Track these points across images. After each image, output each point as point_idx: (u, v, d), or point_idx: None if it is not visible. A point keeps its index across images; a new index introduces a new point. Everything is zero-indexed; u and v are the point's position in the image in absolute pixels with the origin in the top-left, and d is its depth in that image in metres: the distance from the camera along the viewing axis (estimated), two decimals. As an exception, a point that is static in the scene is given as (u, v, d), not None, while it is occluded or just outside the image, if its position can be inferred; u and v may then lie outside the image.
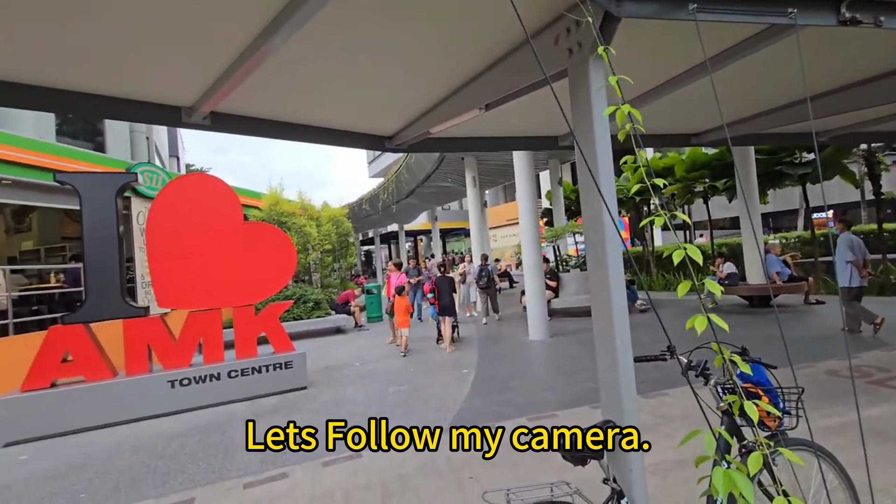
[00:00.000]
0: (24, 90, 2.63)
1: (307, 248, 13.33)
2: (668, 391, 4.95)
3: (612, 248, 1.96)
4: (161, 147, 23.57)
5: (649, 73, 3.33)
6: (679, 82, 3.42)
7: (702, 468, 1.41)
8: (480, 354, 7.72)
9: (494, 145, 4.60)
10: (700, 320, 1.34)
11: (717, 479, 1.09)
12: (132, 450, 4.62)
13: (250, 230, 6.72)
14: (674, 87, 3.49)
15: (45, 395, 5.26)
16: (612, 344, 1.94)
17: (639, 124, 1.54)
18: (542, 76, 2.47)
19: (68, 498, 3.69)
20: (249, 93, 2.97)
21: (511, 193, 35.60)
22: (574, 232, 12.97)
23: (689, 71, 3.30)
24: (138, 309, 5.98)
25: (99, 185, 5.78)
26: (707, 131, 5.25)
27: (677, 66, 3.27)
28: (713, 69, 2.97)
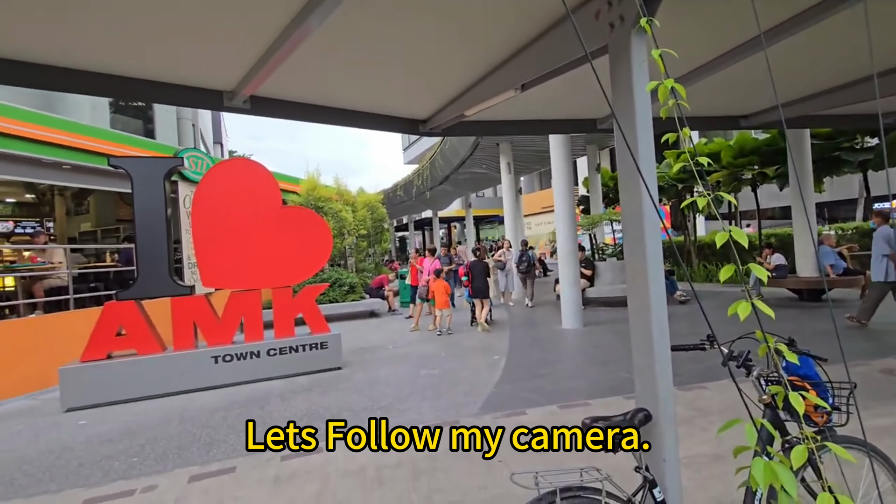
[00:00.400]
0: (84, 76, 2.77)
1: (343, 232, 13.58)
2: (707, 384, 4.79)
3: (650, 227, 1.89)
4: (206, 133, 24.48)
5: (695, 50, 3.16)
6: (728, 60, 3.22)
7: (741, 459, 1.35)
8: (512, 341, 7.69)
9: (530, 129, 4.51)
10: (744, 306, 1.28)
11: (756, 471, 1.04)
12: (179, 419, 4.90)
13: (289, 214, 6.90)
14: (722, 66, 3.29)
15: (101, 366, 5.63)
16: (648, 329, 1.88)
17: (682, 100, 1.47)
18: (581, 53, 2.40)
19: (122, 461, 3.95)
20: (287, 76, 3.02)
21: (546, 181, 34.97)
22: (612, 220, 12.63)
23: (739, 47, 3.11)
24: (185, 288, 6.28)
25: (148, 168, 6.06)
26: (757, 113, 4.95)
27: (726, 42, 3.08)
28: (767, 44, 2.79)
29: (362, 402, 5.05)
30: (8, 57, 2.57)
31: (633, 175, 1.95)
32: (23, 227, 12.61)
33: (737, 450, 1.27)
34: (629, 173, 1.99)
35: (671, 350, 2.07)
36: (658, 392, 1.87)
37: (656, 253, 1.92)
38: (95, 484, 3.56)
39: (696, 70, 3.45)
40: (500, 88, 3.06)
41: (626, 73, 1.99)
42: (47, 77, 2.70)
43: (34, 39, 2.46)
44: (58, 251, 8.57)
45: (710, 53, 3.24)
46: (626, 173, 2.03)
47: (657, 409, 1.87)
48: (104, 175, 8.94)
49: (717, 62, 3.30)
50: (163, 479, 3.55)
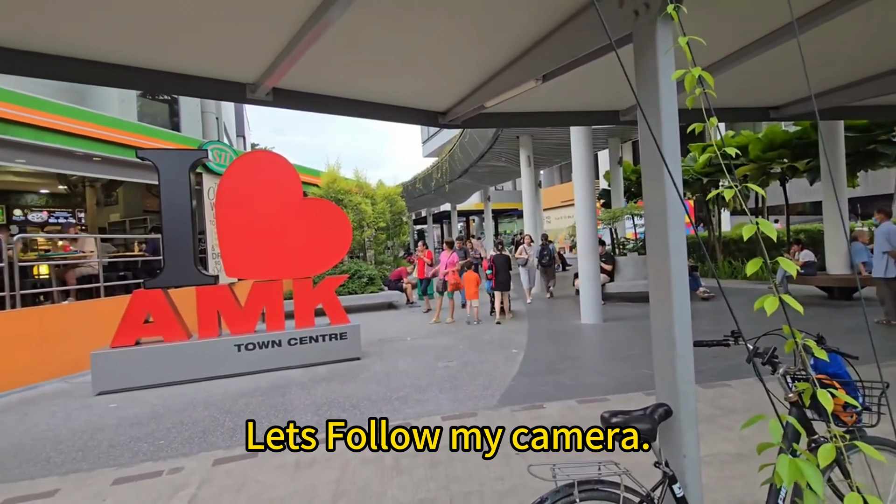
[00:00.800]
0: (112, 69, 2.85)
1: (362, 225, 13.68)
2: (730, 382, 4.70)
3: (674, 219, 1.85)
4: (229, 126, 24.90)
5: (723, 38, 3.06)
6: (757, 48, 3.12)
7: (764, 456, 1.33)
8: (530, 336, 7.66)
9: (551, 120, 4.45)
10: (771, 301, 1.24)
11: (782, 468, 1.02)
12: (204, 405, 5.04)
13: (310, 206, 6.99)
14: (751, 54, 3.18)
15: (130, 352, 5.83)
16: (669, 322, 1.85)
17: (710, 88, 1.43)
18: (604, 42, 2.35)
19: (151, 443, 4.10)
20: (308, 69, 3.04)
21: (566, 174, 34.54)
22: (633, 214, 12.41)
23: (769, 35, 3.00)
24: (209, 277, 6.43)
25: (175, 160, 6.21)
26: (788, 104, 4.78)
27: (756, 29, 2.98)
28: (801, 31, 2.68)
29: (381, 392, 5.11)
30: (38, 50, 2.64)
31: (657, 166, 1.91)
32: (56, 217, 13.08)
33: (760, 447, 1.24)
34: (653, 165, 1.95)
35: (694, 345, 2.03)
36: (679, 387, 1.84)
37: (679, 245, 1.88)
38: (125, 464, 3.70)
39: (723, 59, 3.34)
40: (520, 79, 3.03)
41: (651, 62, 1.94)
42: (76, 70, 2.77)
43: (65, 34, 2.53)
44: (89, 240, 8.88)
45: (738, 42, 3.14)
46: (649, 165, 1.99)
47: (678, 404, 1.84)
48: (132, 167, 9.19)
49: (745, 51, 3.20)
50: (188, 461, 3.67)
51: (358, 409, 4.64)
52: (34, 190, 12.92)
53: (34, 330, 6.32)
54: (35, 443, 4.27)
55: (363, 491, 3.00)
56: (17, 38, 2.54)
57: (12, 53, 2.59)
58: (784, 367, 1.90)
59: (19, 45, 2.60)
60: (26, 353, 6.18)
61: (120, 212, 13.62)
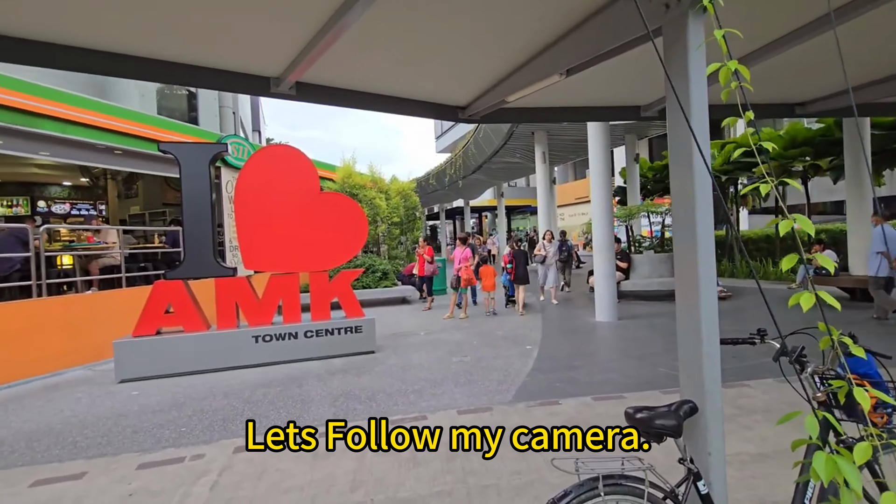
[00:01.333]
0: (139, 62, 2.90)
1: (376, 220, 13.75)
2: (749, 382, 4.64)
3: (702, 216, 1.83)
4: (245, 122, 25.15)
5: (751, 33, 3.00)
6: (786, 43, 3.06)
7: (798, 454, 1.31)
8: (544, 333, 7.64)
9: (572, 116, 4.42)
10: (806, 297, 1.23)
11: (818, 464, 1.01)
12: (223, 394, 5.13)
13: (326, 200, 7.04)
14: (778, 49, 3.12)
15: (151, 341, 5.95)
16: (696, 319, 1.83)
17: (746, 82, 1.41)
18: (631, 36, 2.33)
19: (173, 430, 4.19)
20: (331, 63, 3.07)
21: (580, 171, 34.25)
22: (650, 212, 12.26)
23: (800, 29, 2.94)
24: (228, 269, 6.53)
25: (195, 153, 6.30)
26: (815, 100, 4.68)
27: (786, 24, 2.92)
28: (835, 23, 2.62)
29: (396, 385, 5.15)
30: (81, 45, 2.70)
31: (685, 160, 1.89)
32: (77, 209, 13.37)
33: (795, 443, 1.23)
34: (682, 157, 1.93)
35: (720, 343, 2.02)
36: (705, 385, 1.83)
37: (708, 240, 1.86)
38: (148, 450, 3.79)
39: (750, 54, 3.28)
40: (543, 74, 3.01)
41: (682, 56, 1.92)
42: (107, 63, 2.84)
43: (94, 27, 2.58)
44: (111, 232, 9.06)
45: (767, 36, 3.08)
46: (678, 158, 1.97)
47: (703, 401, 1.83)
48: (153, 160, 9.35)
49: (773, 46, 3.13)
50: (209, 448, 3.74)
51: (374, 401, 4.69)
52: (57, 182, 13.21)
53: (59, 318, 6.48)
54: (62, 427, 4.39)
55: (381, 482, 3.04)
56: (60, 34, 2.61)
57: (54, 48, 2.66)
58: (812, 367, 1.87)
59: (63, 41, 2.67)
60: (51, 341, 6.35)
61: (140, 204, 13.86)
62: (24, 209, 12.41)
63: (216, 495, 2.99)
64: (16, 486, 3.26)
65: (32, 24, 2.52)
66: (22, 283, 6.70)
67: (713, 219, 1.92)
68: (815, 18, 2.78)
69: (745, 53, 3.29)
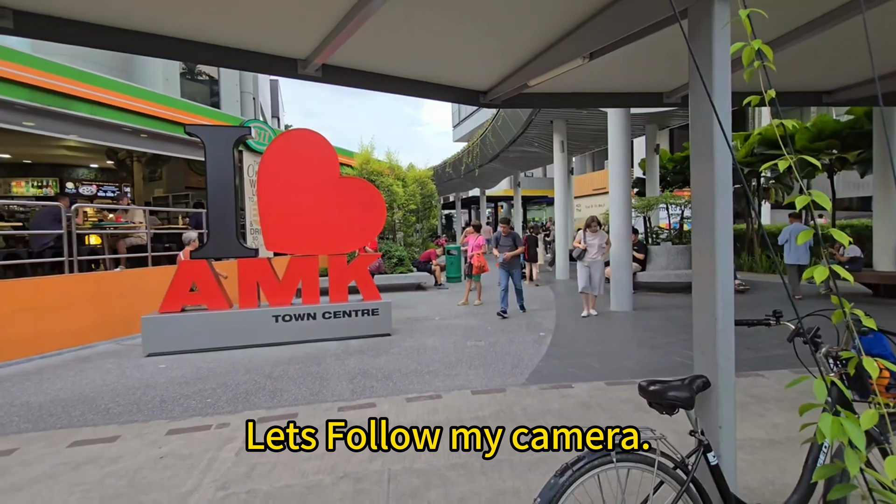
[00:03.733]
0: (169, 42, 2.99)
1: (393, 206, 13.85)
2: (764, 372, 4.64)
3: (721, 198, 1.87)
4: (265, 108, 25.39)
5: (778, 17, 2.97)
6: (815, 28, 3.01)
7: (805, 418, 1.36)
8: (558, 321, 7.69)
9: (594, 102, 4.42)
10: (820, 270, 1.27)
11: (824, 424, 1.06)
12: (245, 370, 5.32)
13: (346, 184, 7.15)
14: (805, 35, 3.07)
15: (177, 317, 6.17)
16: (712, 296, 1.88)
17: (769, 62, 1.44)
18: (657, 18, 2.34)
19: (199, 400, 4.38)
20: (357, 46, 3.12)
21: (598, 162, 33.81)
22: (668, 203, 12.11)
23: (829, 14, 2.89)
24: (250, 250, 6.71)
25: (220, 136, 6.45)
26: (842, 88, 4.58)
27: (815, 8, 2.88)
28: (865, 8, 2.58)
29: (411, 366, 5.27)
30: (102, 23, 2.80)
31: (706, 143, 1.92)
32: (104, 191, 13.74)
33: (803, 407, 1.28)
34: (703, 142, 1.96)
35: (735, 324, 2.06)
36: (719, 361, 1.88)
37: (726, 221, 1.90)
38: (176, 418, 3.98)
39: (775, 40, 3.24)
40: (566, 58, 3.03)
41: (707, 37, 1.94)
42: (142, 43, 2.94)
43: (129, 8, 2.68)
44: (138, 212, 9.33)
45: (793, 21, 3.04)
46: (699, 142, 2.00)
47: (716, 377, 1.88)
48: (177, 142, 9.57)
49: (800, 31, 3.09)
50: (234, 418, 3.91)
51: (390, 380, 4.81)
52: (84, 164, 13.58)
53: (90, 294, 6.75)
54: (94, 395, 4.62)
55: (398, 453, 3.15)
56: (97, 14, 2.71)
57: (94, 28, 2.76)
58: (826, 347, 1.90)
59: (100, 21, 2.77)
60: (82, 315, 6.63)
61: (163, 187, 14.19)
62: (53, 190, 12.81)
63: (242, 459, 3.14)
64: (56, 446, 3.47)
65: (74, 5, 2.63)
66: (54, 260, 6.98)
67: (731, 200, 1.95)
68: (843, 3, 2.74)
69: (770, 39, 3.25)
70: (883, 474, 1.19)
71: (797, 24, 3.05)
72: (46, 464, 3.19)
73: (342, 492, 2.71)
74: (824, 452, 1.76)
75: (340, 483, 2.80)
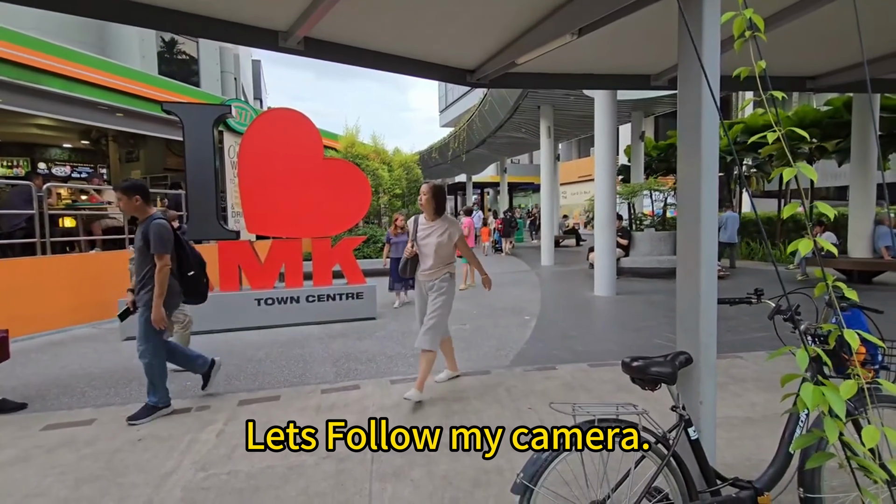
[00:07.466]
0: (140, 8, 2.84)
1: (378, 191, 13.71)
2: (742, 354, 4.74)
3: (707, 177, 1.86)
4: (247, 89, 24.73)
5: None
6: (802, 9, 3.01)
7: (787, 388, 1.37)
8: (543, 305, 7.74)
9: (581, 83, 4.38)
10: (805, 243, 1.27)
11: (805, 393, 1.07)
12: (226, 353, 5.23)
13: (330, 165, 7.02)
14: (791, 17, 3.07)
15: (155, 301, 6.02)
16: (696, 276, 1.88)
17: (760, 32, 1.42)
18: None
19: (178, 384, 4.29)
20: (341, 19, 3.03)
21: (584, 149, 33.91)
22: (652, 190, 12.22)
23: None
24: (231, 232, 6.57)
25: (199, 114, 6.25)
26: (827, 74, 4.62)
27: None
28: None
29: (396, 349, 5.26)
30: None
31: (694, 119, 1.90)
32: (78, 171, 13.30)
33: (784, 378, 1.29)
34: (688, 120, 1.95)
35: (717, 303, 2.07)
36: (701, 338, 1.89)
37: (711, 201, 1.90)
38: (155, 400, 3.90)
39: (767, 19, 3.24)
40: (555, 33, 2.97)
41: (696, 16, 1.91)
42: (110, 8, 2.79)
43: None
44: (113, 193, 9.04)
45: (779, 2, 3.02)
46: (687, 122, 1.99)
47: (698, 354, 1.89)
48: (155, 121, 9.26)
49: (785, 13, 3.08)
50: (215, 401, 3.86)
51: (374, 363, 4.79)
52: (58, 144, 13.10)
53: (64, 276, 6.55)
54: (70, 379, 4.51)
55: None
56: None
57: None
58: (805, 325, 1.93)
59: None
60: (56, 299, 6.43)
61: (141, 169, 13.77)
62: (24, 170, 12.34)
63: (222, 441, 3.10)
64: (29, 430, 3.38)
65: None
66: (25, 241, 6.74)
67: (717, 180, 1.95)
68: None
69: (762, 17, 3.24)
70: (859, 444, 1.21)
71: (782, 5, 3.04)
72: (19, 447, 3.10)
73: (325, 471, 2.69)
74: (800, 426, 1.79)
75: (323, 463, 2.79)
